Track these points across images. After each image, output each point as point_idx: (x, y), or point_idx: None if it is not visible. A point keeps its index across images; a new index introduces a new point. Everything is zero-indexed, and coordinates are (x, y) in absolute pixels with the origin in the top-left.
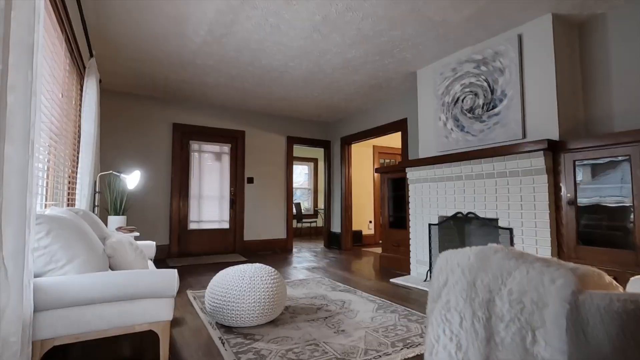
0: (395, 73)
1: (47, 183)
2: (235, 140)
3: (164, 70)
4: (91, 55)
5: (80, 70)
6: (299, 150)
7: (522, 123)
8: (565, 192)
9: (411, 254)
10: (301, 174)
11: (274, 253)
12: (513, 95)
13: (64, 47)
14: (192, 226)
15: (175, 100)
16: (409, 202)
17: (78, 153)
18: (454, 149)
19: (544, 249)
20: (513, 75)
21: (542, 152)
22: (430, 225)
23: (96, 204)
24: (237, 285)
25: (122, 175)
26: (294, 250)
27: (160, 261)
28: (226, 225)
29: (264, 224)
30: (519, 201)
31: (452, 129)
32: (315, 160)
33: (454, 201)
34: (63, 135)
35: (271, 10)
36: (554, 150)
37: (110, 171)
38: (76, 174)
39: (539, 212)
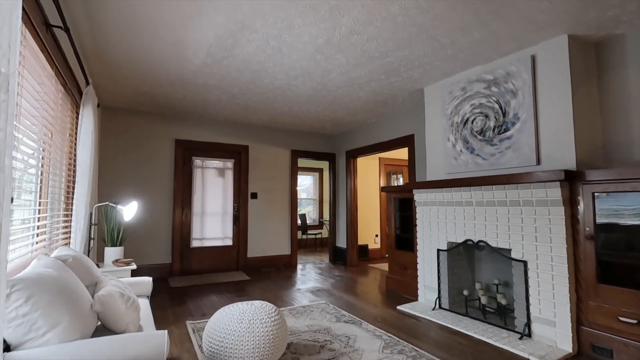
0: (401, 90)
1: (38, 226)
2: (238, 155)
3: (165, 89)
4: (87, 83)
5: (75, 98)
6: (304, 160)
7: (536, 148)
8: (583, 226)
9: (419, 279)
10: (306, 184)
11: (277, 270)
12: (526, 119)
13: (54, 81)
14: (195, 243)
15: (177, 117)
16: (416, 225)
17: (74, 184)
18: (463, 172)
19: (561, 286)
20: (526, 98)
21: (558, 182)
22: (439, 250)
23: (92, 236)
24: (236, 330)
25: (119, 207)
26: (299, 266)
27: (162, 280)
28: (229, 242)
29: (267, 240)
30: (534, 232)
31: (461, 151)
32: (320, 170)
33: (464, 227)
34: (57, 174)
35: (272, 34)
36: (570, 180)
37: (107, 202)
38: (72, 206)
39: (555, 245)
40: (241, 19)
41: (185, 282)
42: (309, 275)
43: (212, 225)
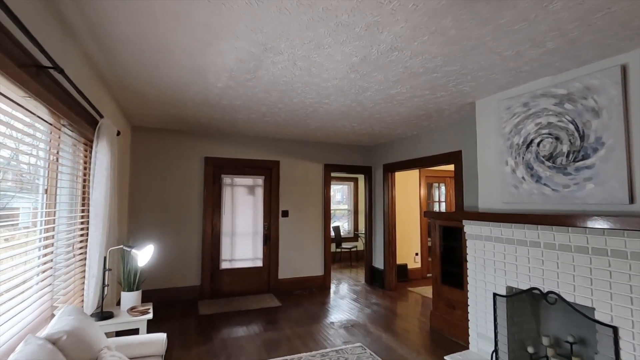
0: (448, 104)
1: (44, 281)
2: (269, 171)
3: (192, 110)
4: (101, 116)
5: (88, 135)
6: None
7: (628, 183)
8: None
9: (470, 324)
10: (340, 194)
11: (310, 293)
12: (614, 145)
13: (54, 126)
14: (225, 265)
15: (206, 134)
16: (466, 260)
17: (88, 226)
18: (525, 203)
19: None
20: (613, 119)
21: None
22: (495, 295)
23: (107, 282)
24: None
25: (133, 251)
26: (333, 287)
27: (191, 304)
28: (260, 263)
29: (299, 260)
30: (628, 292)
31: (523, 178)
32: (355, 180)
33: (529, 272)
34: (70, 224)
35: (299, 55)
36: None
37: (121, 246)
38: (86, 252)
39: None
40: (263, 42)
41: (214, 308)
42: (343, 302)
43: (242, 246)
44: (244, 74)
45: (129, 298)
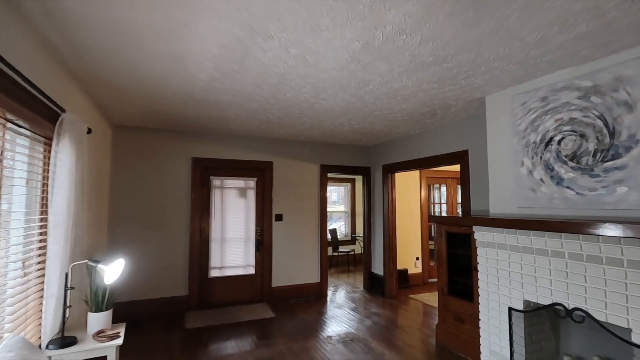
0: (455, 100)
1: None
2: (262, 173)
3: (176, 107)
4: (62, 110)
5: (48, 133)
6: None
7: None
8: None
9: (482, 341)
10: (337, 195)
11: (306, 301)
12: None
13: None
14: (214, 273)
15: (194, 134)
16: (476, 269)
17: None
18: (544, 208)
19: None
20: None
21: None
22: (511, 309)
23: (68, 303)
24: None
25: (99, 266)
26: (330, 295)
27: (178, 317)
28: (252, 271)
29: (294, 267)
30: None
31: (542, 180)
32: (352, 181)
33: (550, 285)
34: (22, 235)
35: (292, 40)
36: None
37: (85, 260)
38: (45, 268)
39: None
40: (250, 23)
41: (202, 321)
42: (341, 312)
43: (233, 252)
44: (230, 63)
45: (97, 320)
